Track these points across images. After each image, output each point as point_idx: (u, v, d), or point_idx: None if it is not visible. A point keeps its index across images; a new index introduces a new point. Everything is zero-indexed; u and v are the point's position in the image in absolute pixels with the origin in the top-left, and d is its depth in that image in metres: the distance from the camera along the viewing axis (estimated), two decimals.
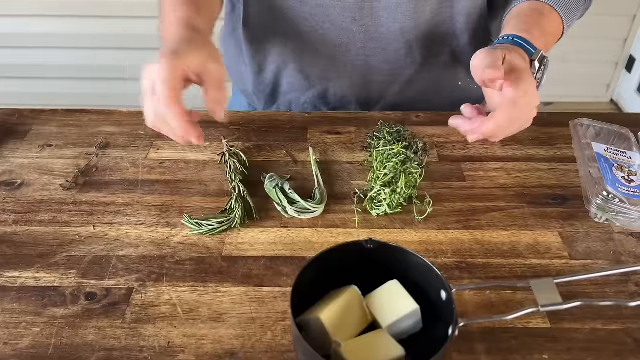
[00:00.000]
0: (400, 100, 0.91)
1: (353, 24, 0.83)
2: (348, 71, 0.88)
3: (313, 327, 0.49)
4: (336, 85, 0.91)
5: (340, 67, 0.88)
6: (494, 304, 0.56)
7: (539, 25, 0.78)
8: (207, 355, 0.51)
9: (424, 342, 0.50)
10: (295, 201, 0.66)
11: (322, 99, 0.93)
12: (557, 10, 0.81)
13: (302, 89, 0.93)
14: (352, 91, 0.90)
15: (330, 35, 0.85)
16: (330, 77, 0.90)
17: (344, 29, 0.83)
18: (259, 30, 0.89)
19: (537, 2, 0.81)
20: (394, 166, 0.70)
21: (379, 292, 0.52)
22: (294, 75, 0.91)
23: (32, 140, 0.79)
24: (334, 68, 0.88)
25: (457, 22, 0.85)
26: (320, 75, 0.90)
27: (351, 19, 0.82)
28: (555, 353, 0.52)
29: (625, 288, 0.58)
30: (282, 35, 0.87)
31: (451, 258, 0.61)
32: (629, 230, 0.64)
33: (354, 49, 0.86)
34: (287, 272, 0.59)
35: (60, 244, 0.63)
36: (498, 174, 0.73)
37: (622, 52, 2.45)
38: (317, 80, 0.91)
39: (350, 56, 0.86)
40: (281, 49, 0.89)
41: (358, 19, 0.82)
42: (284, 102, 0.96)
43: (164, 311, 0.55)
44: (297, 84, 0.92)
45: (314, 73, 0.90)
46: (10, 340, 0.53)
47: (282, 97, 0.95)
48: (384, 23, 0.82)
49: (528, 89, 0.65)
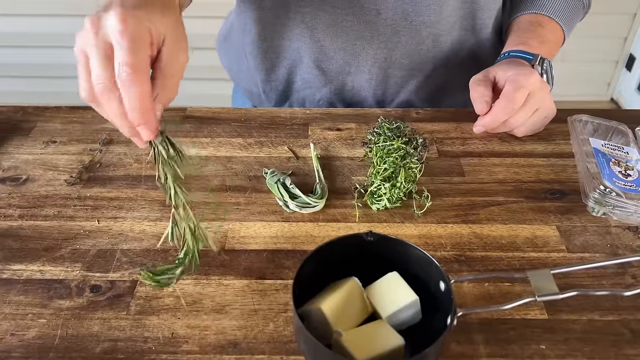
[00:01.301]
0: (416, 97, 0.92)
1: (377, 17, 0.82)
2: (368, 65, 0.88)
3: (314, 318, 0.50)
4: (354, 80, 0.90)
5: (361, 60, 0.87)
6: (492, 295, 0.57)
7: (538, 36, 0.81)
8: (210, 345, 0.52)
9: (423, 333, 0.51)
10: (296, 196, 0.67)
11: (338, 95, 0.93)
12: (556, 20, 0.82)
13: (318, 85, 0.92)
14: (370, 86, 0.90)
15: (353, 28, 0.84)
16: (349, 71, 0.89)
17: (368, 21, 0.83)
18: (275, 26, 0.87)
19: (535, 14, 0.84)
20: (394, 161, 0.71)
21: (379, 284, 0.53)
22: (309, 71, 0.90)
23: (36, 136, 0.80)
24: (354, 62, 0.88)
25: (478, 18, 0.86)
26: (338, 69, 0.89)
27: (376, 12, 0.82)
28: (552, 343, 0.52)
29: (622, 280, 0.58)
30: (300, 29, 0.86)
31: (450, 251, 0.62)
32: (626, 224, 0.65)
33: (376, 43, 0.85)
34: (289, 265, 0.60)
35: (65, 237, 0.63)
36: (497, 169, 0.74)
37: (623, 51, 2.46)
38: (335, 75, 0.90)
39: (371, 50, 0.86)
40: (298, 44, 0.87)
41: (383, 11, 0.82)
42: (297, 100, 0.95)
43: (168, 303, 0.56)
44: (312, 80, 0.91)
45: (332, 68, 0.89)
46: (17, 331, 0.54)
47: (295, 94, 0.95)
48: (408, 16, 0.82)
49: (524, 81, 0.71)
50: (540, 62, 0.78)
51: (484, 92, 0.75)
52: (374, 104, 0.93)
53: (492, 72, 0.77)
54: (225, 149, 0.77)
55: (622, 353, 0.52)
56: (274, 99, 0.96)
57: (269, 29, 0.88)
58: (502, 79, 0.75)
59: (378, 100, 0.93)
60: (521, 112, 0.74)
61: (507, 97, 0.72)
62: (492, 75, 0.77)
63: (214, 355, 0.52)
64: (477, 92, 0.75)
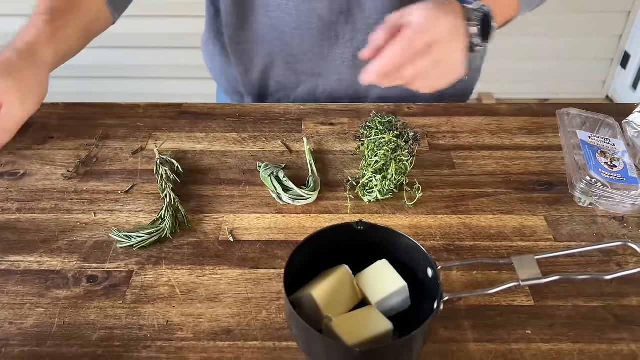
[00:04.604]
0: (389, 93, 0.93)
1: (340, 17, 0.84)
2: (337, 65, 0.89)
3: (305, 304, 0.52)
4: (325, 81, 0.92)
5: (330, 61, 0.89)
6: (481, 283, 0.58)
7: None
8: (204, 332, 0.54)
9: (412, 319, 0.52)
10: (289, 188, 0.68)
11: (312, 95, 0.94)
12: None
13: (292, 86, 0.94)
14: (341, 85, 0.91)
15: (317, 30, 0.85)
16: (320, 72, 0.91)
17: (331, 22, 0.84)
18: (245, 31, 0.89)
19: None
20: (385, 154, 0.72)
21: (368, 271, 0.54)
22: (282, 73, 0.92)
23: (33, 132, 0.81)
24: (323, 63, 0.89)
25: None
26: (309, 71, 0.91)
27: (338, 12, 0.83)
28: (538, 328, 0.54)
29: (607, 267, 0.60)
30: (269, 32, 0.88)
31: (440, 241, 0.63)
32: (612, 214, 0.66)
33: (342, 42, 0.86)
34: (282, 255, 0.62)
35: (62, 230, 0.65)
36: (487, 161, 0.75)
37: (617, 49, 2.47)
38: (307, 76, 0.92)
39: (338, 50, 0.87)
40: (268, 47, 0.89)
41: (345, 11, 0.83)
42: (272, 102, 0.97)
43: (163, 292, 0.58)
44: (285, 82, 0.93)
45: (303, 69, 0.91)
46: (15, 320, 0.55)
47: (270, 96, 0.97)
48: (370, 14, 0.83)
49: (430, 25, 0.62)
50: (479, 9, 0.67)
51: (378, 35, 0.64)
52: (348, 102, 0.94)
53: (407, 12, 0.65)
54: (220, 144, 0.78)
55: (606, 337, 0.53)
56: (252, 101, 0.99)
57: (240, 34, 0.90)
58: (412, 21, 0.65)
59: (352, 98, 0.94)
60: (418, 60, 0.62)
61: (402, 39, 0.62)
62: (407, 16, 0.65)
63: (207, 342, 0.53)
64: (373, 35, 0.65)
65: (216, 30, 0.95)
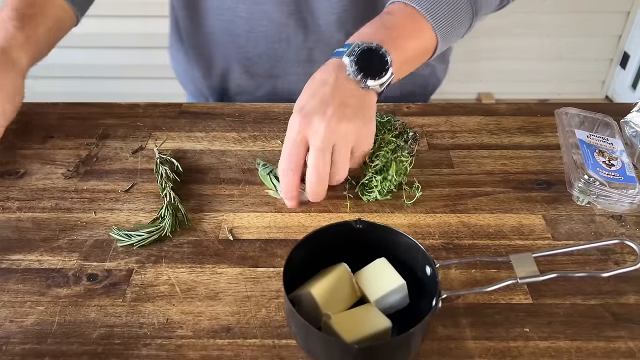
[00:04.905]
0: None
1: (290, 19, 0.83)
2: (294, 67, 0.89)
3: (305, 302, 0.52)
4: (284, 83, 0.91)
5: (285, 63, 0.88)
6: (479, 281, 0.58)
7: (379, 23, 0.68)
8: (204, 330, 0.54)
9: (411, 317, 0.52)
10: None
11: (273, 97, 0.94)
12: (413, 5, 0.68)
13: (251, 90, 0.93)
14: (299, 87, 0.89)
15: (270, 32, 0.85)
16: (277, 74, 0.90)
17: (282, 24, 0.84)
18: (198, 35, 0.89)
19: (396, 3, 0.70)
20: (385, 154, 0.72)
21: (367, 269, 0.54)
22: (240, 77, 0.92)
23: (33, 132, 0.81)
24: (279, 65, 0.89)
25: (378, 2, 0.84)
26: (266, 74, 0.90)
27: (288, 14, 0.83)
28: (536, 326, 0.54)
29: (605, 266, 0.60)
30: (224, 36, 0.88)
31: (438, 239, 0.64)
32: (610, 212, 0.67)
33: (295, 44, 0.86)
34: (281, 253, 0.62)
35: (62, 229, 0.65)
36: (485, 161, 0.75)
37: (617, 49, 2.48)
38: (264, 79, 0.91)
39: (292, 52, 0.87)
40: (225, 51, 0.89)
41: (294, 12, 0.83)
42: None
43: (163, 290, 0.58)
44: (245, 85, 0.93)
45: (260, 72, 0.90)
46: (16, 318, 0.55)
47: (232, 99, 0.97)
48: (320, 15, 0.83)
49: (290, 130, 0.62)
50: (352, 51, 0.63)
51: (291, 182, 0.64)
52: None
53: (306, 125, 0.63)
54: (219, 143, 0.79)
55: (603, 335, 0.53)
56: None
57: (196, 38, 0.90)
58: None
59: None
60: (310, 169, 0.61)
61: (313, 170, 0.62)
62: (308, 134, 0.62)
63: (207, 339, 0.53)
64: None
65: (179, 34, 0.96)
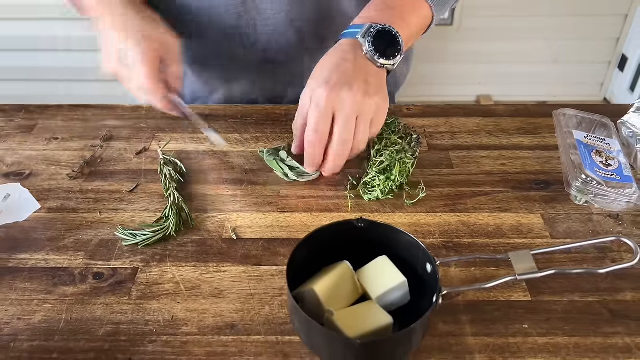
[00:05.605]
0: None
1: (240, 20, 0.83)
2: (248, 69, 0.88)
3: (308, 299, 0.53)
4: (240, 85, 0.90)
5: (239, 66, 0.87)
6: (479, 279, 0.59)
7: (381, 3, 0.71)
8: (208, 327, 0.55)
9: (412, 314, 0.53)
10: (294, 167, 0.72)
11: (230, 100, 0.94)
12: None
13: (206, 94, 0.92)
14: (255, 88, 0.89)
15: (219, 36, 0.84)
16: (231, 78, 0.89)
17: (232, 26, 0.83)
18: None
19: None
20: (390, 154, 0.73)
21: (369, 267, 0.55)
22: (192, 83, 0.91)
23: (39, 134, 0.82)
24: (233, 67, 0.88)
25: (343, 1, 0.84)
26: (220, 78, 0.89)
27: (237, 16, 0.82)
28: (534, 323, 0.55)
29: (603, 263, 0.61)
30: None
31: (439, 238, 0.65)
32: (607, 211, 0.68)
33: (247, 46, 0.85)
34: (284, 252, 0.63)
35: (68, 228, 0.66)
36: (484, 161, 0.76)
37: (615, 51, 2.49)
38: (219, 84, 0.90)
39: (245, 54, 0.86)
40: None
41: (243, 14, 0.82)
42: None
43: (168, 288, 0.59)
44: (199, 90, 0.92)
45: (213, 77, 0.89)
46: (24, 315, 0.56)
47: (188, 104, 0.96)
48: (269, 14, 0.82)
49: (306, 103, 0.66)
50: (367, 32, 0.65)
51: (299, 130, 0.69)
52: (267, 103, 0.92)
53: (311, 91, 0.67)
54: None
55: (601, 331, 0.54)
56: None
57: None
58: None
59: (269, 99, 0.93)
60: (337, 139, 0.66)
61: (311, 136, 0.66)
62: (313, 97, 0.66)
63: (212, 336, 0.54)
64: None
65: None
